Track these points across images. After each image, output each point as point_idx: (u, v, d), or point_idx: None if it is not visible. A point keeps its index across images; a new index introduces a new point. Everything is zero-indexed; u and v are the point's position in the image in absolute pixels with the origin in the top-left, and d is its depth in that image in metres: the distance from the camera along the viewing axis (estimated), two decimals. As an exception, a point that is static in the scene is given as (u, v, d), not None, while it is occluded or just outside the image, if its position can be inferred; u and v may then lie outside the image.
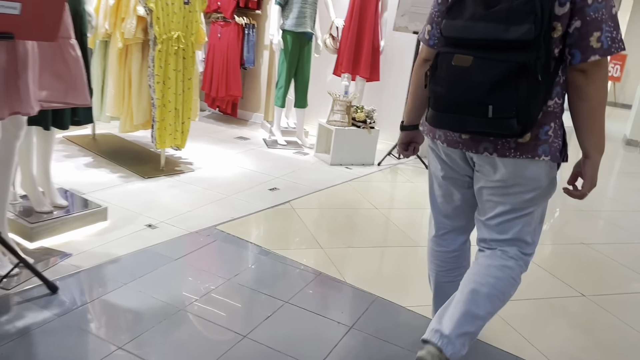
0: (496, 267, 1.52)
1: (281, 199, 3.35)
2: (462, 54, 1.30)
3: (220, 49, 5.17)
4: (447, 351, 1.39)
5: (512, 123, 1.26)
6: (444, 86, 1.34)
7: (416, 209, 3.54)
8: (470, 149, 1.45)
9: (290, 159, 4.40)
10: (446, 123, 1.38)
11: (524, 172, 1.42)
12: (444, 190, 1.66)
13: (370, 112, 4.47)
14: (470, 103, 1.29)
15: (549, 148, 1.38)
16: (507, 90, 1.25)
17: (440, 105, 1.37)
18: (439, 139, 1.53)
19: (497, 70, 1.24)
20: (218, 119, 5.62)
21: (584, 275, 2.75)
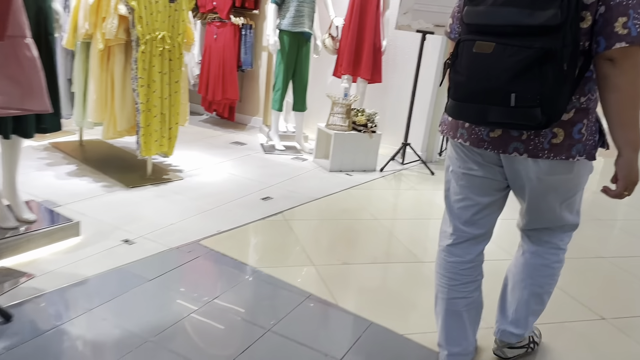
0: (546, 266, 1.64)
1: (274, 209, 3.13)
2: (484, 40, 1.25)
3: (216, 50, 4.97)
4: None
5: (536, 113, 1.20)
6: (464, 74, 1.29)
7: (420, 220, 3.30)
8: (497, 149, 1.39)
9: (287, 165, 4.18)
10: (466, 113, 1.33)
11: (558, 171, 1.38)
12: (465, 194, 1.56)
13: (372, 116, 4.24)
14: (491, 91, 1.24)
15: (583, 147, 1.33)
16: (531, 77, 1.19)
17: (461, 94, 1.32)
18: (461, 137, 1.46)
19: (521, 57, 1.19)
20: (215, 123, 5.42)
21: (603, 295, 2.49)
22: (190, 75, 5.29)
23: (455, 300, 1.62)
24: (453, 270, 1.62)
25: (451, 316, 1.63)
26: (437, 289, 1.68)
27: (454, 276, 1.62)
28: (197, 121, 5.44)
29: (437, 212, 3.47)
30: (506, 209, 1.65)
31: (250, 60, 5.16)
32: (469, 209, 1.56)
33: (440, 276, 1.66)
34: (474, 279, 1.63)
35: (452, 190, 1.59)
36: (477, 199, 1.54)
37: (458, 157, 1.55)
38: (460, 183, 1.55)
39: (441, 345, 1.70)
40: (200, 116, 5.66)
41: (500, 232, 1.87)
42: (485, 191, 1.53)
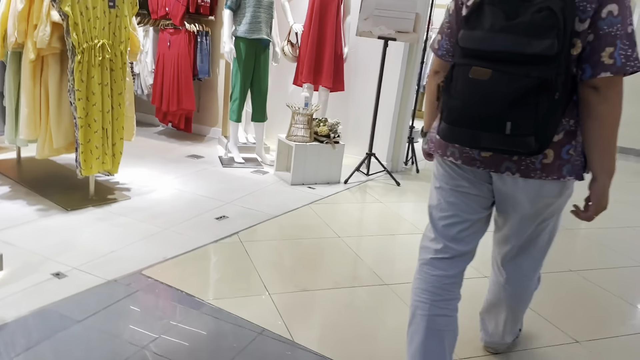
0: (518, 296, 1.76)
1: (228, 229, 2.90)
2: (481, 66, 1.24)
3: (170, 58, 4.71)
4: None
5: (530, 141, 1.22)
6: (460, 99, 1.28)
7: (386, 236, 3.13)
8: (489, 168, 1.39)
9: (246, 179, 3.96)
10: (459, 138, 1.32)
11: (548, 191, 1.40)
12: (453, 211, 1.52)
13: (334, 126, 4.06)
14: (487, 118, 1.24)
15: (572, 167, 1.35)
16: (527, 106, 1.20)
17: (455, 119, 1.31)
18: (452, 156, 1.45)
19: (518, 85, 1.19)
20: (171, 135, 5.14)
21: (576, 314, 2.37)
22: (144, 84, 5.02)
23: (437, 318, 1.52)
24: (437, 285, 1.54)
25: (432, 336, 1.51)
26: (416, 305, 1.55)
27: (437, 291, 1.53)
28: (152, 133, 5.15)
29: (403, 226, 3.31)
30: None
31: (207, 69, 4.92)
32: (455, 226, 1.53)
33: (420, 291, 1.56)
34: (455, 297, 1.56)
35: (439, 207, 1.56)
36: (465, 216, 1.52)
37: (446, 174, 1.52)
38: (449, 200, 1.52)
39: None
40: (155, 128, 5.38)
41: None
42: (474, 208, 1.52)
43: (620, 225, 3.80)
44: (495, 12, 1.24)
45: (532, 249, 1.62)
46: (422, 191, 4.18)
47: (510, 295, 1.75)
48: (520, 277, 1.69)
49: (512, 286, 1.72)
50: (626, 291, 2.65)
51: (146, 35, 4.91)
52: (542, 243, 1.61)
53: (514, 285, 1.72)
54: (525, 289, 1.73)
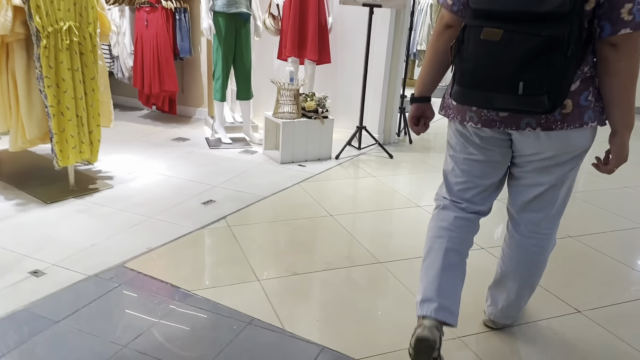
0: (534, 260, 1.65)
1: (216, 214, 2.80)
2: (492, 26, 1.24)
3: (149, 38, 4.52)
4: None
5: (543, 100, 1.23)
6: (471, 61, 1.28)
7: (379, 212, 3.03)
8: (509, 127, 1.40)
9: (234, 160, 3.84)
10: (472, 100, 1.33)
11: (572, 142, 1.39)
12: (466, 177, 1.58)
13: (322, 100, 3.92)
14: (499, 79, 1.24)
15: (593, 113, 1.35)
16: (539, 65, 1.20)
17: (467, 81, 1.31)
18: (471, 120, 1.45)
19: (529, 45, 1.19)
20: (155, 119, 4.99)
21: (576, 282, 2.29)
22: (124, 67, 4.84)
23: (452, 252, 1.58)
24: (454, 223, 1.60)
25: (447, 268, 1.56)
26: (433, 241, 1.62)
27: (453, 228, 1.60)
28: (136, 117, 5.00)
29: (397, 201, 3.21)
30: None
31: (188, 47, 4.73)
32: (469, 191, 1.60)
33: (437, 228, 1.63)
34: (469, 239, 1.63)
35: (453, 173, 1.61)
36: (478, 181, 1.57)
37: (458, 142, 1.56)
38: (462, 167, 1.57)
39: (429, 299, 1.53)
40: (139, 111, 5.22)
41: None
42: (487, 174, 1.55)
43: (618, 185, 3.71)
44: None
45: (550, 204, 1.56)
46: (415, 163, 4.07)
47: (526, 260, 1.66)
48: (537, 235, 1.62)
49: (528, 246, 1.63)
50: (628, 255, 2.58)
51: (122, 16, 4.71)
52: (560, 196, 1.55)
53: (530, 244, 1.63)
54: (542, 248, 1.64)
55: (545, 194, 1.54)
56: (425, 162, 4.07)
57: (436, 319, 1.48)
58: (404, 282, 2.20)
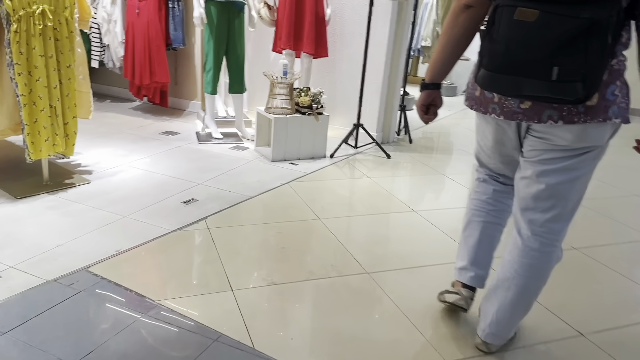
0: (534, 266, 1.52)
1: (196, 215, 2.62)
2: (526, 7, 1.15)
3: (140, 27, 4.34)
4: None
5: (578, 87, 1.16)
6: (503, 43, 1.20)
7: (371, 217, 2.85)
8: (531, 119, 1.34)
9: (223, 156, 3.66)
10: (499, 85, 1.26)
11: (589, 134, 1.31)
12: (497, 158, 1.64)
13: (317, 95, 3.73)
14: (532, 63, 1.17)
15: (618, 109, 1.28)
16: (576, 50, 1.13)
17: (496, 64, 1.24)
18: (494, 112, 1.41)
19: (566, 27, 1.12)
20: (147, 111, 4.82)
21: (580, 301, 2.10)
22: (115, 57, 4.67)
23: (490, 225, 1.73)
24: (492, 196, 1.72)
25: (485, 240, 1.75)
26: (473, 213, 1.77)
27: (492, 202, 1.72)
28: (126, 109, 4.83)
29: (391, 205, 3.02)
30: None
31: (181, 37, 4.55)
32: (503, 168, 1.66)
33: (477, 202, 1.76)
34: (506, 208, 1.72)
35: (485, 153, 1.67)
36: (505, 158, 1.60)
37: (482, 126, 1.58)
38: (491, 152, 1.62)
39: (465, 268, 1.81)
40: (131, 103, 5.05)
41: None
42: (512, 154, 1.54)
43: (627, 193, 3.51)
44: None
45: (555, 204, 1.44)
46: (414, 164, 3.88)
47: (526, 266, 1.51)
48: (540, 239, 1.49)
49: (529, 250, 1.50)
50: (637, 271, 2.39)
51: (114, 3, 4.52)
52: (567, 198, 1.44)
53: (532, 249, 1.50)
54: (545, 255, 1.50)
55: (550, 191, 1.42)
56: (425, 164, 3.88)
57: (470, 284, 1.79)
58: (392, 296, 2.02)
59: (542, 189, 1.42)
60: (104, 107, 4.86)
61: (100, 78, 5.31)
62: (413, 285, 2.12)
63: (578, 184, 1.42)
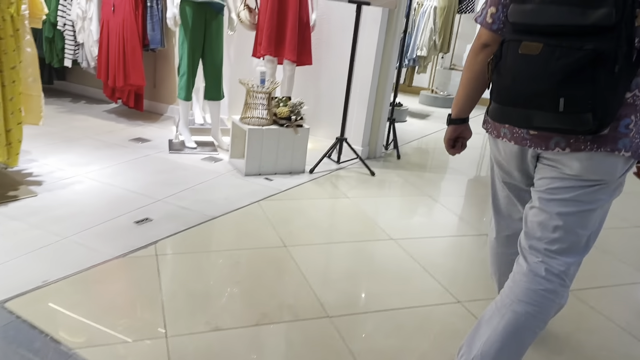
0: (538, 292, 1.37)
1: (146, 237, 2.35)
2: (531, 41, 1.17)
3: (115, 26, 4.09)
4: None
5: (587, 118, 1.13)
6: (509, 77, 1.22)
7: (344, 246, 2.58)
8: (539, 146, 1.32)
9: (193, 168, 3.40)
10: (510, 118, 1.27)
11: (600, 165, 1.26)
12: (508, 190, 1.58)
13: (296, 106, 3.47)
14: (538, 95, 1.17)
15: (630, 142, 1.22)
16: (582, 81, 1.12)
17: (505, 98, 1.25)
18: (504, 137, 1.41)
19: (571, 59, 1.11)
20: (121, 114, 4.55)
21: (570, 354, 1.83)
22: (89, 56, 4.41)
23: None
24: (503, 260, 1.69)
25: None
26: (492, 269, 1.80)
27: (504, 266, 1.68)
28: (100, 112, 4.57)
29: (368, 232, 2.75)
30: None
31: (159, 38, 4.29)
32: (512, 204, 1.60)
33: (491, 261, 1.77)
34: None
35: (496, 185, 1.61)
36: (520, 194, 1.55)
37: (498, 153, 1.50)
38: (505, 180, 1.57)
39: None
40: (106, 105, 4.79)
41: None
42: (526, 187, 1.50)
43: (628, 224, 3.24)
44: None
45: (569, 237, 1.35)
46: (399, 183, 3.61)
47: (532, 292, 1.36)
48: (549, 266, 1.36)
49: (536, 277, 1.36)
50: (635, 321, 2.11)
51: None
52: (580, 230, 1.33)
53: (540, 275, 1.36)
54: (552, 285, 1.35)
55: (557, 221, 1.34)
56: (411, 184, 3.62)
57: None
58: (352, 347, 1.75)
59: (549, 218, 1.36)
60: (76, 108, 4.60)
61: (75, 77, 5.06)
62: (378, 334, 1.85)
63: (588, 219, 1.34)
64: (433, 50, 6.10)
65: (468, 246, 2.72)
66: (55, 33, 4.40)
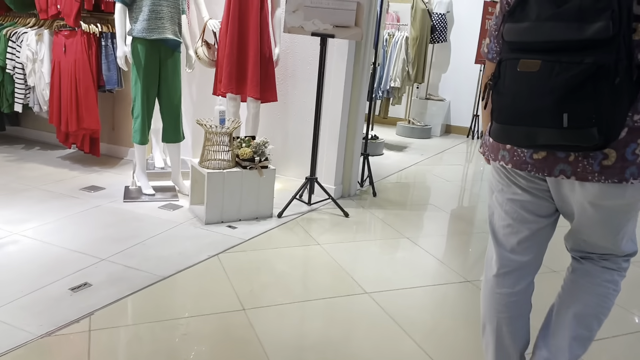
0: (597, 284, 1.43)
1: (81, 309, 2.03)
2: (529, 58, 1.17)
3: (67, 67, 3.83)
4: None
5: (592, 132, 1.11)
6: (509, 95, 1.22)
7: (312, 303, 2.28)
8: (541, 172, 1.30)
9: (148, 219, 3.09)
10: (513, 137, 1.24)
11: (610, 195, 1.25)
12: (510, 219, 1.45)
13: (260, 146, 3.21)
14: (540, 112, 1.16)
15: (637, 170, 1.21)
16: (584, 95, 1.10)
17: (506, 117, 1.24)
18: (503, 160, 1.38)
19: (571, 73, 1.10)
20: (77, 160, 4.24)
21: None
22: (42, 100, 4.13)
23: (505, 334, 1.51)
24: (502, 302, 1.51)
25: (500, 349, 1.53)
26: (485, 318, 1.57)
27: (503, 309, 1.51)
28: (54, 158, 4.26)
29: (339, 284, 2.46)
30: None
31: (115, 78, 4.03)
32: (514, 236, 1.46)
33: (488, 306, 1.55)
34: (523, 312, 1.52)
35: (497, 216, 1.50)
36: (523, 225, 1.44)
37: (501, 180, 1.45)
38: (505, 209, 1.47)
39: None
40: (63, 150, 4.47)
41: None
42: (532, 217, 1.42)
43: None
44: (540, 1, 1.16)
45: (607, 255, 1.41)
46: (375, 225, 3.35)
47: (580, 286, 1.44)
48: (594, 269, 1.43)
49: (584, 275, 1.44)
50: None
51: (40, 40, 4.02)
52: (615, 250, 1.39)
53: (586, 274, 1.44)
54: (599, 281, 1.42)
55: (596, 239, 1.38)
56: (389, 224, 3.35)
57: None
58: None
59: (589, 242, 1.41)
60: (28, 156, 4.28)
61: (30, 122, 4.76)
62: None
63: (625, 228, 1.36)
64: (407, 80, 5.96)
65: (450, 296, 2.44)
66: (5, 76, 4.13)
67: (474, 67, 6.83)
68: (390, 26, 6.34)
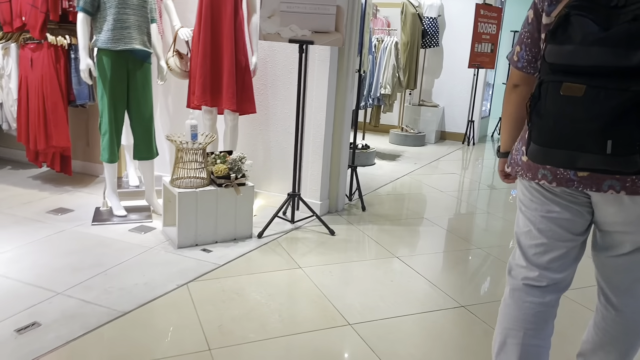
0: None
1: (25, 354, 1.79)
2: (572, 82, 1.16)
3: (34, 82, 3.61)
4: None
5: (635, 159, 1.12)
6: (550, 119, 1.20)
7: (289, 339, 2.04)
8: (589, 187, 1.29)
9: (116, 243, 2.85)
10: (553, 159, 1.24)
11: None
12: (544, 239, 1.42)
13: (236, 162, 2.98)
14: (583, 137, 1.15)
15: None
16: (629, 122, 1.11)
17: (546, 140, 1.23)
18: (544, 178, 1.35)
19: (617, 101, 1.11)
20: (49, 180, 4.01)
21: None
22: (10, 117, 3.91)
23: (530, 348, 1.43)
24: (530, 312, 1.43)
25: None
26: (507, 333, 1.46)
27: (530, 318, 1.43)
28: (25, 178, 4.03)
29: (322, 315, 2.22)
30: None
31: (87, 93, 3.80)
32: (547, 254, 1.43)
33: (512, 319, 1.46)
34: (549, 326, 1.46)
35: (528, 235, 1.45)
36: (557, 243, 1.41)
37: (535, 198, 1.42)
38: (539, 227, 1.42)
39: None
40: (35, 170, 4.25)
41: None
42: (567, 235, 1.40)
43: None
44: (584, 23, 1.15)
45: None
46: (363, 243, 3.11)
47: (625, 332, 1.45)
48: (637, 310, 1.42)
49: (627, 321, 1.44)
50: None
51: (7, 54, 3.81)
52: None
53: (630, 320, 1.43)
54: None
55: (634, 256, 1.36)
56: (378, 242, 3.12)
57: None
58: None
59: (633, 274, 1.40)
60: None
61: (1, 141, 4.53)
62: None
63: None
64: (398, 87, 5.75)
65: (440, 325, 2.20)
66: (-29, 93, 3.91)
67: (467, 72, 6.64)
68: (380, 31, 6.15)
